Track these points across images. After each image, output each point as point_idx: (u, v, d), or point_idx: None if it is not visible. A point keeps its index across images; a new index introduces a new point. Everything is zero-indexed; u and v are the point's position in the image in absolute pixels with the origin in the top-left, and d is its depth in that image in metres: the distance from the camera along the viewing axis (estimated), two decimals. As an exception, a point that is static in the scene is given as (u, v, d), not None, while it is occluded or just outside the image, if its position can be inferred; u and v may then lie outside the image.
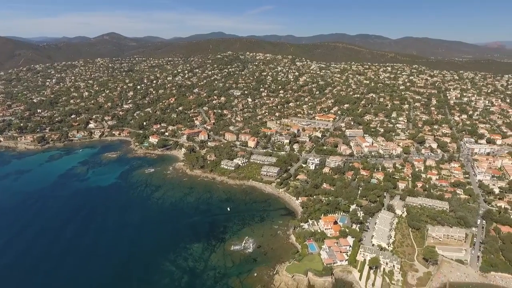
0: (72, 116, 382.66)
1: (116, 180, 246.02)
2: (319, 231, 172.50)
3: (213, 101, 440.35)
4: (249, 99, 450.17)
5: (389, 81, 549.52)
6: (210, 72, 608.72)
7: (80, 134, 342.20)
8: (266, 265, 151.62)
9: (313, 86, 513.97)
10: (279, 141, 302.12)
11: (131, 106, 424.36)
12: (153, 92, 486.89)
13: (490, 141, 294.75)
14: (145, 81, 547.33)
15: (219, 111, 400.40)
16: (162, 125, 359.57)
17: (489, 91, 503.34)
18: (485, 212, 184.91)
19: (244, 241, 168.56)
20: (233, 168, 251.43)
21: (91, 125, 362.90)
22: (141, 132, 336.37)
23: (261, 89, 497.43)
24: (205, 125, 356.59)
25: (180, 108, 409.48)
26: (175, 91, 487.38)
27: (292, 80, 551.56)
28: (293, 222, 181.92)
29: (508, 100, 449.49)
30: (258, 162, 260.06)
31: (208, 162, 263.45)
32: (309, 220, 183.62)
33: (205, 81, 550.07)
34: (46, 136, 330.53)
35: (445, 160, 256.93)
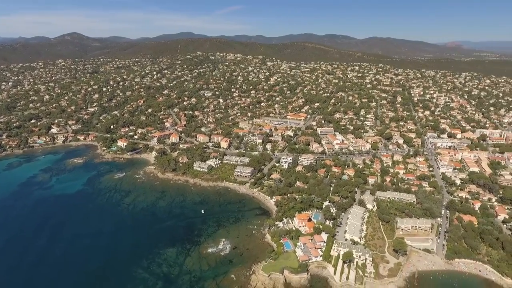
0: (32, 121, 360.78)
1: (83, 186, 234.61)
2: (294, 229, 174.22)
3: (184, 102, 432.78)
4: (221, 100, 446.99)
5: (356, 80, 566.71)
6: (179, 73, 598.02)
7: (41, 140, 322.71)
8: (242, 266, 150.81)
9: (284, 85, 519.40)
10: (252, 141, 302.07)
11: (96, 109, 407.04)
12: (120, 94, 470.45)
13: (451, 136, 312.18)
14: (111, 82, 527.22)
15: (190, 112, 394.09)
16: (130, 128, 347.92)
17: (449, 88, 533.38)
18: (448, 203, 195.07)
19: (219, 243, 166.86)
20: (206, 170, 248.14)
21: (54, 130, 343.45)
22: (109, 136, 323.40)
23: (232, 90, 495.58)
24: (176, 127, 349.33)
25: (150, 110, 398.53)
26: (144, 93, 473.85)
27: (263, 80, 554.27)
28: (268, 221, 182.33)
29: (466, 97, 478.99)
30: (232, 162, 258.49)
31: (180, 164, 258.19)
32: (283, 218, 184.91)
33: (174, 82, 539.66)
34: (3, 143, 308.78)
35: (411, 155, 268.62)
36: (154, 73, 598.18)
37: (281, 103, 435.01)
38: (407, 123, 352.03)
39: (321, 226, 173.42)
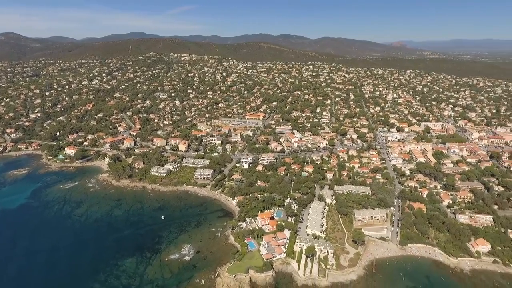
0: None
1: (26, 200, 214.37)
2: (257, 228, 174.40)
3: (138, 105, 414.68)
4: (177, 102, 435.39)
5: (312, 79, 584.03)
6: (131, 75, 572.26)
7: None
8: (206, 270, 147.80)
9: (241, 86, 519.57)
10: (211, 142, 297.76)
11: (39, 115, 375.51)
12: (66, 98, 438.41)
13: (399, 129, 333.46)
14: (55, 86, 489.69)
15: (145, 115, 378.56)
16: (79, 134, 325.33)
17: (396, 85, 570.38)
18: (400, 192, 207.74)
19: (182, 249, 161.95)
20: (164, 174, 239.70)
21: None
22: (54, 143, 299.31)
23: (188, 91, 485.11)
24: (130, 131, 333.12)
25: (100, 115, 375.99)
26: (93, 96, 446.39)
27: (220, 80, 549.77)
28: (231, 222, 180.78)
29: (411, 92, 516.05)
30: (191, 165, 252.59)
31: (137, 170, 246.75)
32: (246, 218, 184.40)
33: (126, 84, 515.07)
34: None
35: (364, 149, 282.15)
36: (104, 75, 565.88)
37: (239, 103, 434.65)
38: (360, 119, 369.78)
39: (283, 224, 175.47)
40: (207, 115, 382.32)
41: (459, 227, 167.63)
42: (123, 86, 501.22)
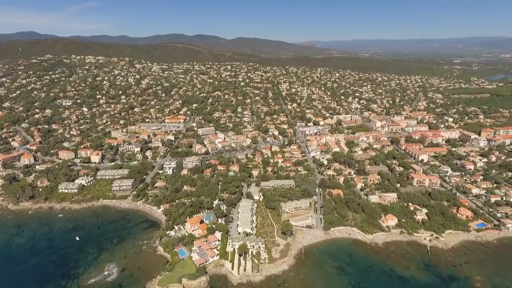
0: None
1: None
2: (186, 234, 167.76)
3: (35, 116, 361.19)
4: (84, 108, 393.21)
5: (230, 79, 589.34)
6: (24, 81, 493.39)
7: None
8: (135, 287, 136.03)
9: (157, 88, 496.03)
10: (128, 150, 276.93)
11: None
12: None
13: (315, 123, 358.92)
14: None
15: (46, 126, 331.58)
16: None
17: (309, 82, 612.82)
18: (320, 182, 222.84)
19: (104, 269, 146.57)
20: (76, 190, 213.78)
21: None
22: None
23: (97, 96, 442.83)
24: (28, 146, 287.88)
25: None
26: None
27: (133, 83, 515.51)
28: (158, 232, 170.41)
29: (323, 88, 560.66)
30: (108, 177, 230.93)
31: (40, 189, 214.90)
32: (174, 226, 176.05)
33: (18, 92, 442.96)
34: None
35: (286, 144, 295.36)
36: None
37: (157, 107, 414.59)
38: (279, 115, 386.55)
39: (214, 226, 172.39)
40: (121, 122, 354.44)
41: (372, 207, 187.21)
42: (14, 94, 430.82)
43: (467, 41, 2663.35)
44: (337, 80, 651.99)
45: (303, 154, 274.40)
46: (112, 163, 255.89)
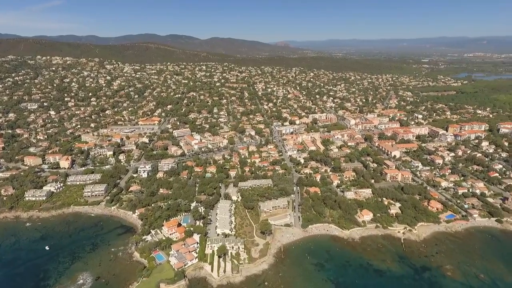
0: None
1: None
2: (164, 238, 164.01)
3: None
4: (52, 112, 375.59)
5: (206, 79, 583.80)
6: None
7: None
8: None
9: (130, 90, 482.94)
10: (100, 154, 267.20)
11: None
12: None
13: (292, 122, 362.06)
14: None
15: (9, 131, 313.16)
16: None
17: (284, 82, 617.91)
18: (297, 180, 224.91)
19: (77, 279, 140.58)
20: (44, 198, 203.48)
21: None
22: None
23: (66, 99, 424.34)
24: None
25: None
26: None
27: (104, 85, 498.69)
28: (133, 238, 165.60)
29: (298, 88, 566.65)
30: (79, 183, 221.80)
31: (4, 198, 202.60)
32: (151, 230, 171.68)
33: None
34: None
35: (263, 144, 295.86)
36: None
37: (130, 109, 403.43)
38: (256, 115, 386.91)
39: (192, 228, 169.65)
40: (92, 125, 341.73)
41: (348, 203, 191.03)
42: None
43: (434, 41, 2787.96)
44: (311, 79, 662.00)
45: (280, 154, 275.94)
46: (83, 168, 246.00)
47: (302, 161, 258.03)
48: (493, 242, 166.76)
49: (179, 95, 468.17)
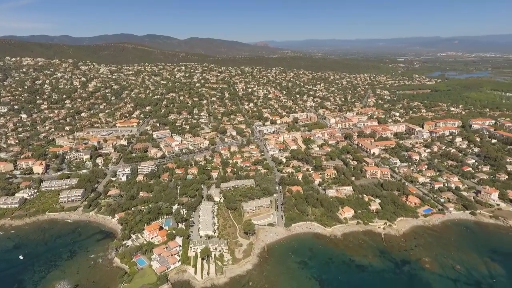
0: None
1: None
2: (145, 242, 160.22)
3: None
4: (23, 115, 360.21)
5: (185, 80, 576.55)
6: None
7: None
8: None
9: (106, 91, 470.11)
10: (76, 158, 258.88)
11: None
12: None
13: (273, 122, 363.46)
14: None
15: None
16: None
17: (265, 81, 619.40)
18: (280, 179, 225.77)
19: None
20: (17, 205, 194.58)
21: None
22: None
23: (38, 101, 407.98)
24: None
25: None
26: None
27: (79, 86, 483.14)
28: (113, 243, 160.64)
29: (278, 88, 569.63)
30: (54, 188, 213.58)
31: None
32: (132, 235, 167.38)
33: None
34: None
35: (244, 144, 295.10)
36: None
37: (107, 111, 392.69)
38: (237, 116, 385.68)
39: (174, 231, 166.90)
40: (67, 128, 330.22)
41: (329, 201, 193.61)
42: None
43: (409, 40, 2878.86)
44: (292, 79, 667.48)
45: (262, 153, 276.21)
46: (59, 173, 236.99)
47: (284, 160, 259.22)
48: (467, 234, 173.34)
49: (158, 96, 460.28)
